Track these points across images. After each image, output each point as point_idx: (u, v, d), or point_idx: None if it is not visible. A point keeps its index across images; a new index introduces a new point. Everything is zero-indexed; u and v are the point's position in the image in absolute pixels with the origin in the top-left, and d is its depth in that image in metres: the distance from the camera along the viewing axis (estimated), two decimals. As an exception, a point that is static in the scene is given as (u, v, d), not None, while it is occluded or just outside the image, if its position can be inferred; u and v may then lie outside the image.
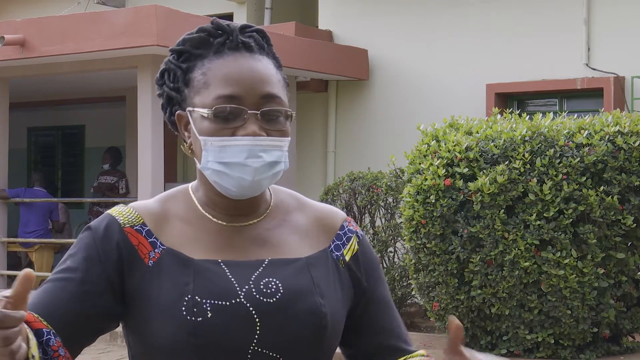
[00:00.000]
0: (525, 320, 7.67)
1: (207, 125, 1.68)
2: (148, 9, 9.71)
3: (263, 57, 1.74)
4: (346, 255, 1.81)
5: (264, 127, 1.68)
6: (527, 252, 7.49)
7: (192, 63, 1.73)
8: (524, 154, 7.52)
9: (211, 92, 1.68)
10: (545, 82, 10.83)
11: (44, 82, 12.23)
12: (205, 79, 1.70)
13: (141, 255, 1.69)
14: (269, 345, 1.65)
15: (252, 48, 1.73)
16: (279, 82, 1.73)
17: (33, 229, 12.13)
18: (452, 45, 11.31)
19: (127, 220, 1.72)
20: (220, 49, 1.72)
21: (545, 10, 10.85)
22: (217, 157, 1.67)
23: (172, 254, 1.69)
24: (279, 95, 1.71)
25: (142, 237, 1.71)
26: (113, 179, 12.91)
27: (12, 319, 1.35)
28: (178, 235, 1.72)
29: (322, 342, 1.70)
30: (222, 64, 1.70)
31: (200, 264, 1.68)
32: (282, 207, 1.81)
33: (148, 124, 10.13)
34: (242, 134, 1.66)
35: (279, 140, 1.70)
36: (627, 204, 7.52)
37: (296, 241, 1.77)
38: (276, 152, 1.69)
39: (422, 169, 7.85)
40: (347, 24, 12.06)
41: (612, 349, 7.89)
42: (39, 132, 15.88)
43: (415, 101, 11.46)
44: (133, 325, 1.71)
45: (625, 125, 7.63)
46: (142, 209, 1.74)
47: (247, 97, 1.67)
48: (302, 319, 1.67)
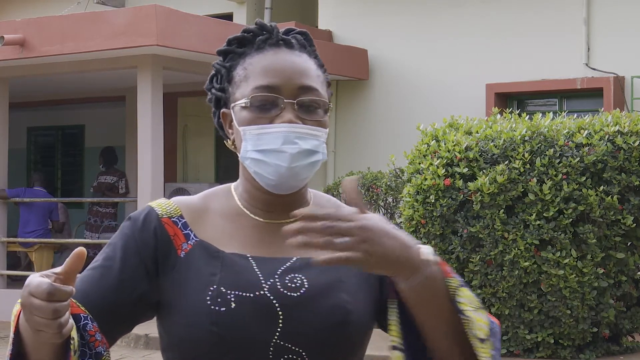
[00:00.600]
0: (525, 320, 7.68)
1: (245, 114, 1.71)
2: (148, 9, 9.71)
3: (303, 54, 1.78)
4: None
5: (301, 116, 1.70)
6: (526, 252, 7.49)
7: (235, 61, 1.78)
8: (524, 153, 7.52)
9: (250, 83, 1.72)
10: (545, 82, 10.83)
11: (44, 82, 12.22)
12: (246, 72, 1.75)
13: (175, 246, 1.73)
14: (292, 339, 1.67)
15: (292, 45, 1.78)
16: (317, 77, 1.76)
17: (33, 229, 12.12)
18: (452, 45, 11.31)
19: (165, 211, 1.76)
20: (261, 45, 1.77)
21: (545, 10, 10.85)
22: (255, 145, 1.70)
23: (203, 246, 1.73)
24: (316, 87, 1.73)
25: (177, 229, 1.74)
26: (113, 178, 12.92)
27: (62, 293, 1.40)
28: (214, 229, 1.76)
29: (346, 339, 1.70)
30: (261, 58, 1.75)
31: (228, 256, 1.71)
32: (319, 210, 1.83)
33: (148, 124, 10.13)
34: (279, 122, 1.69)
35: (316, 129, 1.71)
36: (627, 203, 7.52)
37: None
38: (312, 141, 1.70)
39: (421, 169, 7.85)
40: (347, 24, 12.06)
41: (612, 348, 7.89)
42: (38, 132, 15.88)
43: (415, 101, 11.47)
44: (163, 314, 1.73)
45: (625, 125, 7.63)
46: (181, 203, 1.79)
47: (285, 88, 1.71)
48: (326, 315, 1.68)
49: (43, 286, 1.39)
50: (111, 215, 12.94)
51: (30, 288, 1.41)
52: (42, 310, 1.40)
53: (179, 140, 13.81)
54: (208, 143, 13.61)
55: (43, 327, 1.41)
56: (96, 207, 12.82)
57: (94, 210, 12.86)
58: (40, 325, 1.41)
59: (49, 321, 1.40)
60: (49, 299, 1.39)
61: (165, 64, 10.31)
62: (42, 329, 1.42)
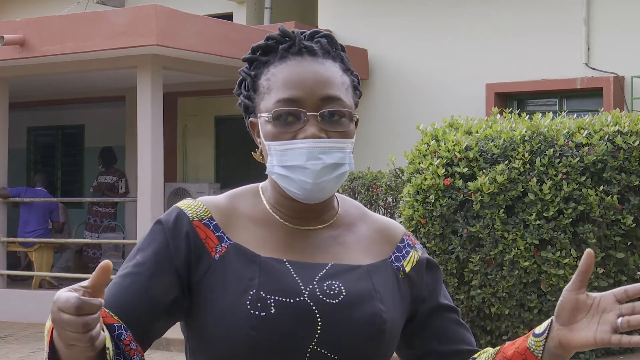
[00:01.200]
0: (525, 320, 7.68)
1: (269, 129, 1.71)
2: (148, 8, 9.71)
3: (327, 61, 1.75)
4: (406, 266, 1.83)
5: (325, 128, 1.68)
6: (526, 252, 7.49)
7: (259, 70, 1.77)
8: (524, 153, 7.52)
9: (272, 96, 1.71)
10: (545, 81, 10.84)
11: (44, 82, 12.23)
12: (269, 84, 1.73)
13: (208, 249, 1.72)
14: (328, 346, 1.67)
15: (315, 52, 1.75)
16: (342, 84, 1.73)
17: (33, 229, 12.13)
18: (451, 45, 11.32)
19: (196, 213, 1.74)
20: (284, 54, 1.75)
21: (545, 10, 10.86)
22: (280, 161, 1.69)
23: (238, 249, 1.72)
24: (339, 96, 1.71)
25: (209, 231, 1.73)
26: (113, 178, 12.92)
27: (91, 306, 1.39)
28: (244, 232, 1.75)
29: (379, 348, 1.71)
30: (284, 69, 1.73)
31: (266, 260, 1.70)
32: (347, 216, 1.83)
33: (148, 124, 10.13)
34: (302, 137, 1.68)
35: (340, 141, 1.70)
36: (627, 203, 7.53)
37: (358, 250, 1.79)
38: (337, 154, 1.69)
39: (421, 169, 7.85)
40: (346, 23, 12.07)
41: (612, 348, 7.89)
42: (38, 132, 15.88)
43: (415, 101, 11.47)
44: (194, 317, 1.72)
45: (624, 125, 7.63)
46: (210, 204, 1.77)
47: (307, 100, 1.69)
48: (363, 323, 1.69)
49: (71, 300, 1.38)
50: (111, 215, 12.95)
51: (59, 303, 1.40)
52: (72, 324, 1.39)
53: (179, 140, 13.81)
54: (208, 143, 13.62)
55: (75, 342, 1.41)
56: (96, 207, 12.82)
57: (94, 210, 12.86)
58: (72, 339, 1.40)
59: (80, 335, 1.40)
60: (78, 313, 1.38)
61: (165, 64, 10.31)
62: (74, 343, 1.41)
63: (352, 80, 1.78)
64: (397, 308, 1.76)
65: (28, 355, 8.96)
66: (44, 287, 12.12)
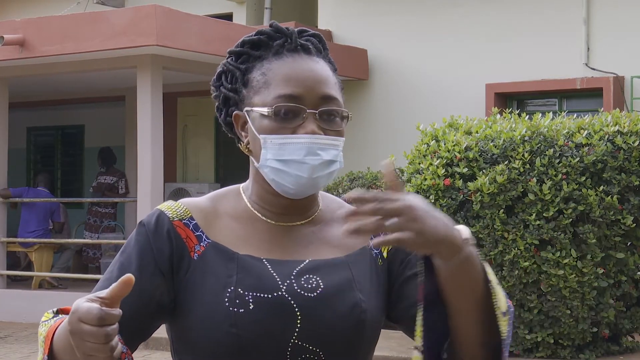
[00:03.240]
0: (525, 320, 7.68)
1: (267, 123, 1.72)
2: (147, 8, 9.71)
3: (320, 60, 1.79)
4: (384, 252, 1.83)
5: (322, 126, 1.73)
6: (526, 252, 7.49)
7: (251, 64, 1.78)
8: (524, 153, 7.52)
9: (272, 91, 1.73)
10: (544, 82, 10.84)
11: (44, 82, 12.22)
12: (266, 78, 1.74)
13: (188, 249, 1.74)
14: (310, 339, 1.68)
15: (310, 50, 1.78)
16: (335, 84, 1.78)
17: (33, 229, 12.13)
18: (451, 45, 11.32)
19: (176, 214, 1.76)
20: (279, 50, 1.77)
21: (545, 10, 10.86)
22: (277, 155, 1.71)
23: (216, 247, 1.73)
24: (336, 96, 1.76)
25: (189, 231, 1.75)
26: (112, 178, 12.91)
27: (113, 317, 1.40)
28: (226, 231, 1.76)
29: (361, 338, 1.73)
30: (282, 65, 1.75)
31: (243, 258, 1.72)
32: (327, 211, 1.84)
33: (147, 124, 10.13)
34: (302, 132, 1.71)
35: (336, 139, 1.74)
36: (627, 203, 7.53)
37: (339, 245, 1.80)
38: (333, 151, 1.73)
39: (421, 169, 7.86)
40: (346, 23, 12.06)
41: (612, 348, 7.89)
42: (38, 132, 15.88)
43: (414, 101, 11.47)
44: (177, 317, 1.73)
45: (624, 125, 7.63)
46: (191, 205, 1.79)
47: (307, 97, 1.72)
48: (343, 314, 1.70)
49: (93, 312, 1.39)
50: (111, 215, 12.95)
51: (80, 314, 1.40)
52: (94, 335, 1.39)
53: (179, 140, 13.81)
54: (208, 143, 13.62)
55: (95, 352, 1.41)
56: (95, 207, 12.81)
57: (94, 210, 12.86)
58: (93, 350, 1.40)
59: (101, 346, 1.40)
60: (100, 324, 1.39)
61: (165, 64, 10.31)
62: (94, 354, 1.41)
63: (339, 80, 1.83)
64: (377, 296, 1.77)
65: (28, 355, 8.96)
66: (44, 287, 12.12)
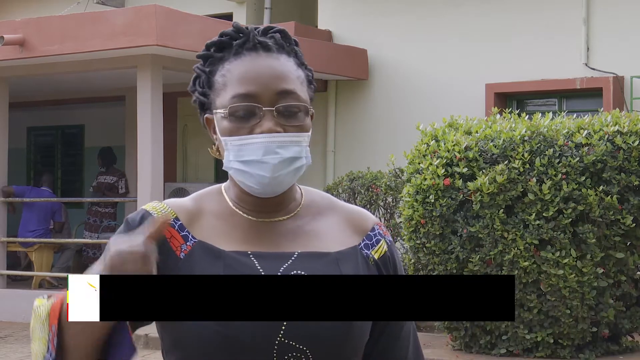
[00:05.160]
0: (525, 320, 7.68)
1: (226, 125, 1.72)
2: (148, 8, 9.71)
3: (281, 56, 1.76)
4: (374, 254, 1.82)
5: (282, 123, 1.70)
6: (526, 252, 7.49)
7: (214, 67, 1.77)
8: (524, 153, 7.53)
9: (228, 92, 1.72)
10: (544, 82, 10.84)
11: (44, 82, 12.23)
12: (224, 80, 1.74)
13: (173, 248, 1.74)
14: (296, 337, 1.67)
15: (269, 47, 1.76)
16: (297, 78, 1.75)
17: (34, 229, 12.14)
18: (451, 45, 11.32)
19: (160, 214, 1.76)
20: (238, 50, 1.76)
21: (545, 10, 10.86)
22: (237, 156, 1.71)
23: (203, 246, 1.74)
24: (295, 90, 1.72)
25: (174, 231, 1.75)
26: (113, 178, 12.91)
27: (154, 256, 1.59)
28: (210, 229, 1.76)
29: (348, 336, 1.71)
30: (239, 64, 1.74)
31: (230, 255, 1.72)
32: (313, 206, 1.83)
33: (147, 124, 10.13)
34: (259, 132, 1.69)
35: (297, 135, 1.71)
36: (627, 203, 7.53)
37: (326, 237, 1.79)
38: (294, 148, 1.70)
39: (421, 169, 7.86)
40: (346, 23, 12.07)
41: (612, 348, 7.89)
42: (38, 131, 15.88)
43: (414, 101, 11.47)
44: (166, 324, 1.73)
45: (624, 125, 7.64)
46: (175, 205, 1.79)
47: (263, 95, 1.70)
48: None
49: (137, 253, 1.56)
50: (110, 215, 12.95)
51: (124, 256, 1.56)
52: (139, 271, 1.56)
53: (179, 140, 13.81)
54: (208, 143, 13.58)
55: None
56: (95, 207, 12.82)
57: (93, 210, 12.86)
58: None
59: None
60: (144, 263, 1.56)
61: (165, 64, 10.32)
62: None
63: (307, 74, 1.79)
64: None
65: (28, 355, 8.96)
66: (44, 287, 12.13)
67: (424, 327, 9.49)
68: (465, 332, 8.00)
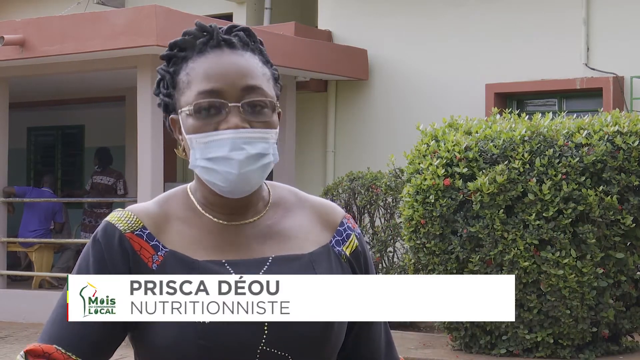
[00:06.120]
0: (525, 320, 7.68)
1: (191, 122, 1.68)
2: (148, 9, 9.72)
3: (246, 53, 1.73)
4: (346, 250, 1.81)
5: (248, 119, 1.67)
6: (526, 252, 7.49)
7: (178, 66, 1.75)
8: (524, 153, 7.53)
9: (193, 89, 1.69)
10: (544, 82, 10.84)
11: (44, 82, 12.22)
12: (189, 78, 1.71)
13: (144, 260, 1.69)
14: (278, 344, 1.66)
15: (234, 45, 1.73)
16: (263, 75, 1.72)
17: (34, 229, 12.14)
18: (451, 45, 11.32)
19: (127, 225, 1.72)
20: (202, 48, 1.73)
21: (545, 10, 10.86)
22: (204, 154, 1.67)
23: (175, 256, 1.69)
24: (260, 86, 1.69)
25: (143, 242, 1.70)
26: (110, 180, 12.83)
27: None
28: (179, 237, 1.72)
29: (329, 340, 1.71)
30: (203, 62, 1.71)
31: (205, 265, 1.68)
32: (281, 203, 1.80)
33: (148, 124, 10.13)
34: (224, 128, 1.66)
35: (264, 132, 1.68)
36: (627, 203, 7.53)
37: (298, 236, 1.77)
38: (261, 144, 1.67)
39: (421, 169, 7.86)
40: (346, 24, 12.07)
41: (612, 348, 7.89)
42: (38, 132, 15.88)
43: (414, 101, 11.47)
44: (141, 333, 1.69)
45: (624, 125, 7.64)
46: (140, 212, 1.74)
47: (228, 91, 1.67)
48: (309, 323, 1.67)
49: None
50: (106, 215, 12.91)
51: None
52: None
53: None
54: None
55: None
56: (91, 207, 12.79)
57: (89, 210, 12.84)
58: None
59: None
60: None
61: (165, 64, 10.31)
62: None
63: (273, 72, 1.76)
64: None
65: (28, 355, 8.95)
66: (44, 287, 12.12)
67: (424, 327, 9.49)
68: (465, 332, 8.00)
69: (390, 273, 9.57)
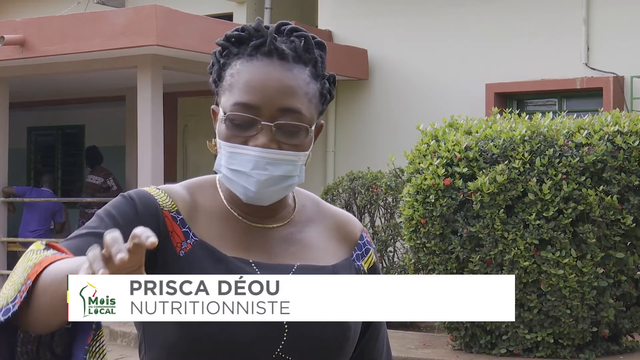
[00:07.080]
0: (525, 320, 7.68)
1: (223, 128, 1.67)
2: (148, 8, 9.72)
3: (296, 67, 1.68)
4: (365, 265, 1.82)
5: (278, 139, 1.65)
6: (526, 252, 7.49)
7: (228, 60, 1.71)
8: (524, 153, 7.53)
9: (231, 96, 1.67)
10: (544, 81, 10.84)
11: (44, 82, 12.23)
12: (232, 81, 1.68)
13: (173, 243, 1.67)
14: (294, 352, 1.66)
15: (285, 56, 1.67)
16: (305, 95, 1.67)
17: (34, 229, 12.14)
18: (451, 45, 11.32)
19: (165, 203, 1.69)
20: (253, 52, 1.68)
21: (545, 10, 10.86)
22: (227, 163, 1.66)
23: (204, 247, 1.68)
24: (299, 110, 1.66)
25: (176, 225, 1.68)
26: (99, 179, 12.76)
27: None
28: (206, 227, 1.70)
29: (342, 351, 1.71)
30: (248, 69, 1.67)
31: (233, 261, 1.67)
32: (304, 212, 1.80)
33: (148, 124, 10.13)
34: (253, 144, 1.64)
35: (292, 154, 1.66)
36: (627, 203, 7.53)
37: (320, 247, 1.77)
38: (286, 166, 1.65)
39: (421, 169, 7.86)
40: (346, 23, 12.07)
41: (612, 348, 7.89)
42: (38, 132, 15.88)
43: (414, 101, 11.47)
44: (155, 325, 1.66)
45: (624, 125, 7.64)
46: (176, 196, 1.71)
47: (264, 108, 1.64)
48: (329, 329, 1.67)
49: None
50: (96, 215, 12.88)
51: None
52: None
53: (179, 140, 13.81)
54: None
55: None
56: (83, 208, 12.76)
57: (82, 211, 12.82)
58: None
59: None
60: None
61: (165, 64, 10.32)
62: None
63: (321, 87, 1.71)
64: None
65: (28, 355, 8.94)
66: (44, 287, 12.11)
67: (424, 327, 9.49)
68: (466, 332, 8.00)
69: (391, 273, 9.57)
